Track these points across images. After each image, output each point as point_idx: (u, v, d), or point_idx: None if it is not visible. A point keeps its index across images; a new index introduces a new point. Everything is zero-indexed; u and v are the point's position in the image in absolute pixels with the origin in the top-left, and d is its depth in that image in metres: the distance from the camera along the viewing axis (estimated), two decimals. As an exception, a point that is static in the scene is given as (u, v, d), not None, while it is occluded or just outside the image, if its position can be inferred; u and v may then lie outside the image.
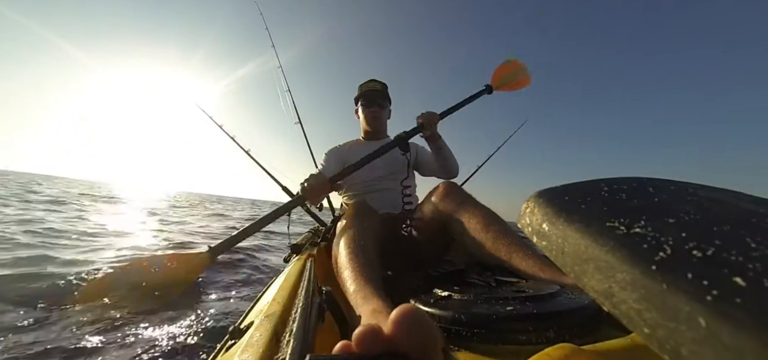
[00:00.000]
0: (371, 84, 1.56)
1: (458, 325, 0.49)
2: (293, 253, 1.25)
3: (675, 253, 0.19)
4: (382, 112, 1.56)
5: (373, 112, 1.53)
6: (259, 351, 0.37)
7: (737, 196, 0.28)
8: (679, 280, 0.17)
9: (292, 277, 0.74)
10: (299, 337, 0.33)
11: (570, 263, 0.23)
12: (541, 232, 0.26)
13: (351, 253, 0.75)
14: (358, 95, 1.57)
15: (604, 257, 0.21)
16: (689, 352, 0.16)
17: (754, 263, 0.18)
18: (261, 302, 0.72)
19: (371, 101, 1.53)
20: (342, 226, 0.89)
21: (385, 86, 1.58)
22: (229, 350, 0.50)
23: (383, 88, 1.57)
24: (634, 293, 0.19)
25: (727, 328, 0.15)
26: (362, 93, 1.55)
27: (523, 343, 0.46)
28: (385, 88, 1.57)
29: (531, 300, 0.52)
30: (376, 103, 1.54)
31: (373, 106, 1.53)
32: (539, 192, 0.28)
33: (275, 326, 0.45)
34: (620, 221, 0.23)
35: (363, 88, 1.56)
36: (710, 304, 0.16)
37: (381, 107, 1.56)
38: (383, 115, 1.58)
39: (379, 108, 1.54)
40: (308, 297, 0.49)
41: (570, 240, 0.23)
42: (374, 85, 1.56)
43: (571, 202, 0.26)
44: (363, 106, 1.55)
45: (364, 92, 1.54)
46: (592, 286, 0.21)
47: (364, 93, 1.54)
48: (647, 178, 0.30)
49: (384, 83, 1.58)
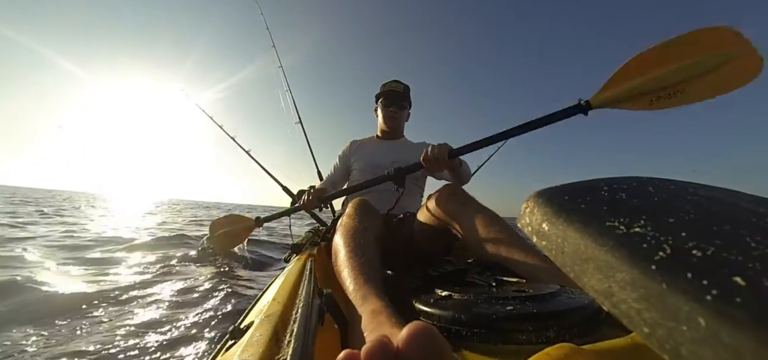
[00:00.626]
0: (393, 84, 1.56)
1: (458, 325, 0.49)
2: (293, 253, 1.25)
3: (675, 253, 0.19)
4: (400, 114, 1.57)
5: (392, 113, 1.54)
6: (259, 351, 0.37)
7: (737, 195, 0.28)
8: (679, 279, 0.17)
9: (292, 277, 0.74)
10: (300, 339, 0.33)
11: (570, 263, 0.23)
12: (541, 231, 0.25)
13: (351, 252, 0.75)
14: (380, 93, 1.58)
15: (604, 257, 0.21)
16: (689, 351, 0.16)
17: (754, 263, 0.18)
18: (261, 302, 0.72)
19: (391, 101, 1.54)
20: (342, 225, 0.88)
21: (407, 88, 1.58)
22: (229, 350, 0.50)
23: (405, 90, 1.57)
24: (633, 293, 0.19)
25: (727, 328, 0.15)
26: (383, 92, 1.55)
27: (523, 343, 0.46)
28: (407, 90, 1.57)
29: (531, 300, 0.52)
30: (396, 104, 1.54)
31: (393, 106, 1.54)
32: (539, 192, 0.28)
33: (275, 326, 0.45)
34: (620, 221, 0.23)
35: (385, 87, 1.56)
36: (710, 304, 0.16)
37: (400, 109, 1.56)
38: (401, 117, 1.58)
39: (397, 109, 1.55)
40: (308, 298, 0.49)
41: (570, 240, 0.23)
42: (396, 85, 1.56)
43: (570, 201, 0.26)
44: (383, 105, 1.55)
45: (386, 91, 1.54)
46: (592, 286, 0.21)
47: (385, 92, 1.55)
48: (647, 178, 0.30)
49: (406, 85, 1.58)
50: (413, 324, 0.30)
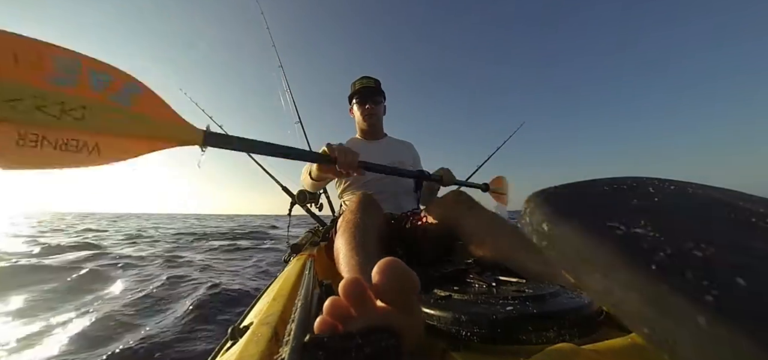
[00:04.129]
0: (364, 81, 1.54)
1: (458, 325, 0.49)
2: (293, 253, 1.25)
3: (675, 253, 0.19)
4: (377, 109, 1.55)
5: (369, 110, 1.52)
6: (259, 351, 0.37)
7: (737, 195, 0.28)
8: (679, 279, 0.17)
9: (292, 277, 0.74)
10: (299, 334, 0.33)
11: (570, 263, 0.23)
12: (541, 232, 0.25)
13: (352, 250, 0.75)
14: (352, 93, 1.56)
15: (604, 257, 0.21)
16: (689, 352, 0.16)
17: (754, 263, 0.18)
18: (261, 302, 0.72)
19: (366, 98, 1.52)
20: (345, 219, 0.88)
21: (378, 82, 1.56)
22: (229, 350, 0.50)
23: (377, 84, 1.55)
24: (633, 293, 0.19)
25: (727, 328, 0.15)
26: (356, 90, 1.53)
27: (523, 343, 0.46)
28: (378, 84, 1.56)
29: (531, 300, 0.52)
30: (371, 100, 1.52)
31: (368, 103, 1.52)
32: (539, 192, 0.28)
33: (275, 326, 0.45)
34: (620, 221, 0.23)
35: (356, 85, 1.55)
36: (710, 304, 0.16)
37: (376, 104, 1.54)
38: (379, 112, 1.57)
39: (374, 105, 1.53)
40: (308, 297, 0.49)
41: (570, 240, 0.23)
42: (368, 81, 1.54)
43: (570, 201, 0.26)
44: (358, 103, 1.53)
45: (358, 89, 1.53)
46: (591, 286, 0.21)
47: (357, 90, 1.53)
48: (647, 178, 0.30)
49: (377, 79, 1.57)
50: (383, 260, 0.35)
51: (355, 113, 1.58)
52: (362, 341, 0.31)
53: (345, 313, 0.35)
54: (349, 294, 0.34)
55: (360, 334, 0.31)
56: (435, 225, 1.04)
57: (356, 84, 1.55)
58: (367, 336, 0.31)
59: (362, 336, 0.31)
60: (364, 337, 0.31)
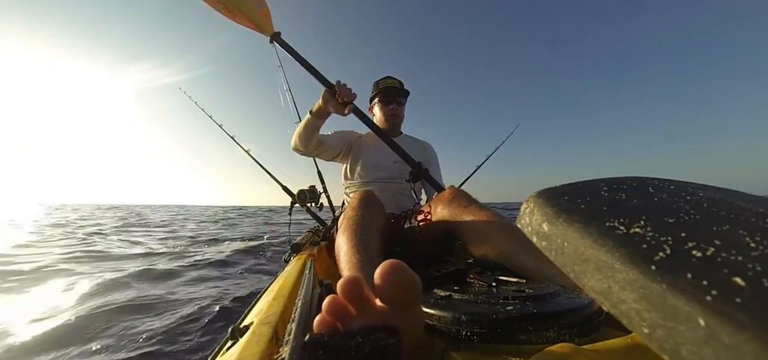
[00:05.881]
0: (389, 81, 1.55)
1: (458, 325, 0.49)
2: (293, 253, 1.25)
3: (675, 253, 0.19)
4: (400, 110, 1.55)
5: (393, 110, 1.52)
6: (259, 351, 0.37)
7: (737, 195, 0.28)
8: (679, 280, 0.17)
9: (292, 276, 0.74)
10: (299, 334, 0.33)
11: (570, 263, 0.23)
12: (541, 232, 0.25)
13: (353, 248, 0.75)
14: (377, 92, 1.56)
15: (604, 257, 0.21)
16: (689, 352, 0.16)
17: (754, 263, 0.18)
18: (261, 302, 0.72)
19: (392, 98, 1.52)
20: (347, 217, 0.88)
21: (402, 84, 1.57)
22: (229, 350, 0.50)
23: (401, 85, 1.55)
24: (633, 293, 0.19)
25: (727, 328, 0.15)
26: (381, 90, 1.53)
27: (523, 343, 0.46)
28: (402, 86, 1.56)
29: (531, 300, 0.52)
30: (396, 100, 1.52)
31: (393, 103, 1.52)
32: (539, 192, 0.28)
33: (275, 326, 0.45)
34: (620, 221, 0.23)
35: (381, 84, 1.55)
36: (710, 304, 0.16)
37: (400, 104, 1.54)
38: (402, 113, 1.57)
39: (398, 106, 1.53)
40: (307, 297, 0.49)
41: (569, 240, 0.23)
42: (393, 82, 1.54)
43: (570, 201, 0.26)
44: (382, 103, 1.53)
45: (383, 89, 1.53)
46: (591, 286, 0.21)
47: (382, 90, 1.53)
48: (647, 178, 0.30)
49: (401, 81, 1.57)
50: (386, 262, 0.34)
51: (375, 112, 1.58)
52: (362, 340, 0.31)
53: (344, 312, 0.35)
54: (347, 293, 0.34)
55: (360, 333, 0.31)
56: (434, 224, 1.04)
57: (380, 83, 1.55)
58: (367, 335, 0.31)
59: (362, 335, 0.31)
60: (364, 336, 0.31)
